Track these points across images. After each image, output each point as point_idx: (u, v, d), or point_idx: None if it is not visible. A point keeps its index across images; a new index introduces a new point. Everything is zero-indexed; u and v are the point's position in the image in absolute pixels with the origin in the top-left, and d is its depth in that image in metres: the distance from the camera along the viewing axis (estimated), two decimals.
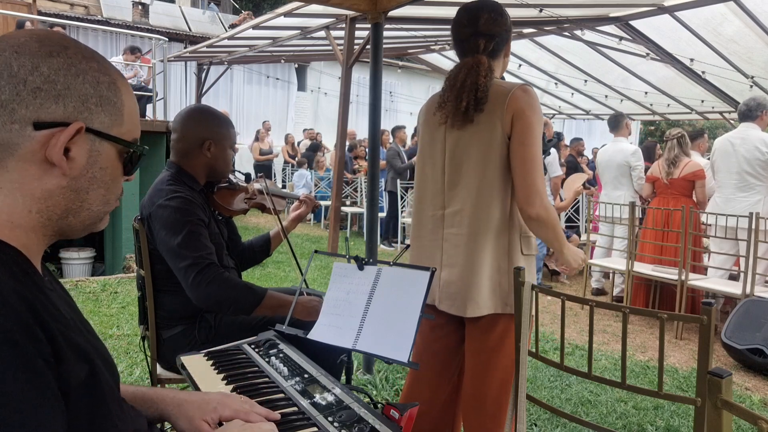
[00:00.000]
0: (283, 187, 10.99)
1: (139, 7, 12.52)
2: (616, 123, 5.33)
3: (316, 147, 10.73)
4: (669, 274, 4.35)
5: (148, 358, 1.99)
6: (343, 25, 5.56)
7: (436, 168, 1.73)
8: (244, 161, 11.65)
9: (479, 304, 1.63)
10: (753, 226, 3.81)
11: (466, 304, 1.65)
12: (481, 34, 1.67)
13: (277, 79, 14.13)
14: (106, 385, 0.75)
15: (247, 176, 2.29)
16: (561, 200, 5.93)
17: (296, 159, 11.33)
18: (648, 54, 6.28)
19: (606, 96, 8.98)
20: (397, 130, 8.10)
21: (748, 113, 4.31)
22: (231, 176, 2.15)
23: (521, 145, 1.59)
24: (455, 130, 1.68)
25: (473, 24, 1.68)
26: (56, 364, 0.66)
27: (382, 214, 7.78)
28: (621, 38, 6.00)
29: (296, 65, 14.27)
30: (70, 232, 0.79)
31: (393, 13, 3.34)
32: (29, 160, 0.71)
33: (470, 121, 1.64)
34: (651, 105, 9.10)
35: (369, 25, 3.25)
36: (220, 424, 1.04)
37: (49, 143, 0.71)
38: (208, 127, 1.93)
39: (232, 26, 11.07)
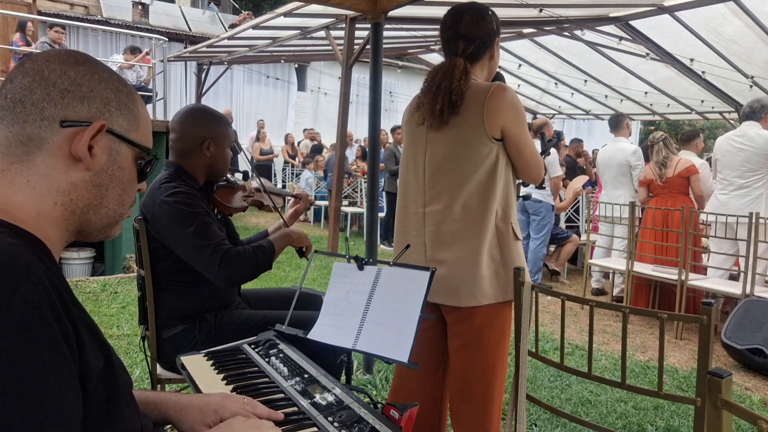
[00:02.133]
0: (284, 187, 10.99)
1: (139, 7, 12.51)
2: (617, 123, 5.33)
3: (318, 149, 10.72)
4: (669, 274, 4.35)
5: (148, 358, 1.99)
6: (343, 25, 5.55)
7: (418, 167, 1.76)
8: (244, 161, 11.64)
9: (476, 295, 1.65)
10: (753, 226, 3.81)
11: (462, 295, 1.66)
12: (460, 36, 1.70)
13: (277, 79, 14.13)
14: (121, 378, 0.79)
15: (245, 174, 2.31)
16: (561, 200, 5.94)
17: (297, 159, 11.32)
18: (648, 54, 6.27)
19: (606, 96, 8.98)
20: (394, 129, 8.10)
21: (752, 115, 4.31)
22: (228, 175, 2.15)
23: (512, 140, 1.65)
24: (433, 132, 1.71)
25: (454, 26, 1.71)
26: (78, 351, 0.68)
27: (382, 214, 7.78)
28: (621, 38, 6.00)
29: (296, 65, 14.27)
30: (89, 230, 0.84)
31: (393, 13, 3.34)
32: (56, 155, 0.77)
33: (445, 123, 1.66)
34: (651, 105, 9.09)
35: (369, 25, 3.25)
36: None
37: (75, 139, 0.78)
38: (207, 127, 1.93)
39: (232, 26, 11.07)
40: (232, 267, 1.77)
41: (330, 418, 1.09)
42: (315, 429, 1.07)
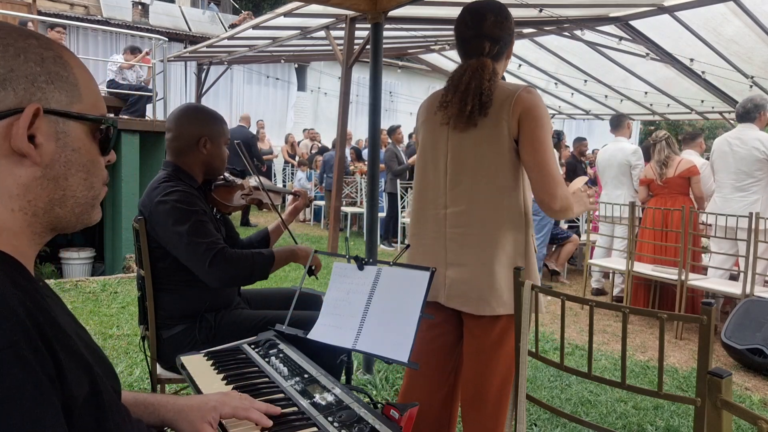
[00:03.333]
0: (284, 187, 10.98)
1: (139, 7, 12.52)
2: (618, 123, 5.34)
3: (323, 151, 10.74)
4: (669, 274, 4.35)
5: (148, 358, 1.99)
6: (343, 25, 5.56)
7: (438, 168, 1.73)
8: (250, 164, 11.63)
9: (492, 304, 1.63)
10: (753, 226, 3.81)
11: (479, 303, 1.64)
12: (485, 36, 1.66)
13: (277, 79, 14.14)
14: (108, 396, 0.73)
15: (242, 172, 2.32)
16: None
17: (297, 159, 11.33)
18: (648, 54, 6.28)
19: (606, 96, 8.98)
20: (393, 130, 8.09)
21: (746, 115, 4.30)
22: (226, 174, 2.16)
23: (531, 141, 1.58)
24: (458, 132, 1.67)
25: (477, 25, 1.67)
26: (59, 382, 0.64)
27: (382, 214, 7.78)
28: (621, 38, 6.00)
29: (296, 65, 14.28)
30: (63, 226, 0.75)
31: (393, 13, 3.34)
32: None
33: (474, 124, 1.63)
34: (651, 105, 9.10)
35: (369, 25, 3.26)
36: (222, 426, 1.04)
37: (11, 134, 0.66)
38: (202, 125, 1.94)
39: (232, 26, 11.07)
40: (223, 267, 1.76)
41: (330, 418, 1.09)
42: (315, 429, 1.07)
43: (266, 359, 1.42)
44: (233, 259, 1.79)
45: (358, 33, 5.53)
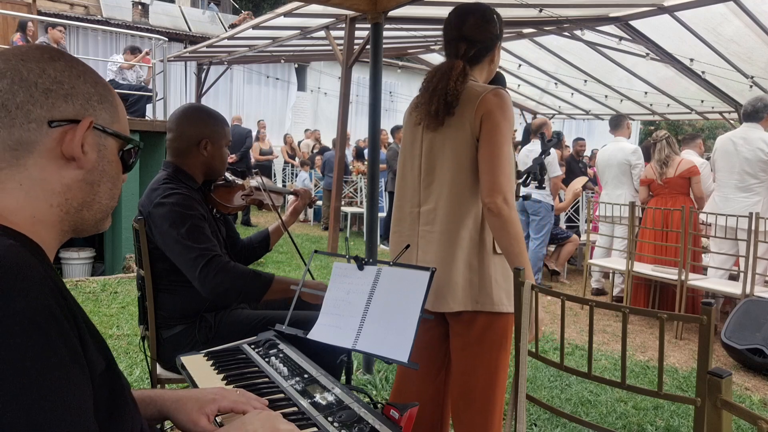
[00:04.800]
0: (284, 187, 10.98)
1: (139, 7, 12.52)
2: (618, 123, 5.34)
3: (324, 151, 10.73)
4: (669, 274, 4.35)
5: (148, 358, 1.99)
6: (343, 25, 5.56)
7: (414, 167, 1.77)
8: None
9: (448, 301, 1.66)
10: (753, 227, 3.81)
11: (437, 300, 1.67)
12: (463, 38, 1.70)
13: (277, 79, 14.13)
14: (122, 379, 0.79)
15: (242, 172, 2.31)
16: (560, 201, 5.94)
17: (297, 159, 11.33)
18: (648, 54, 6.28)
19: (606, 96, 8.98)
20: (396, 129, 8.09)
21: (754, 114, 4.28)
22: (227, 174, 2.16)
23: (487, 143, 1.60)
24: (430, 132, 1.71)
25: (458, 27, 1.71)
26: (83, 351, 0.69)
27: (382, 214, 7.78)
28: (621, 38, 6.00)
29: (296, 65, 14.28)
30: (83, 227, 0.84)
31: (393, 13, 3.34)
32: (47, 157, 0.77)
33: (441, 123, 1.67)
34: (651, 105, 9.10)
35: (369, 25, 3.26)
36: (219, 423, 1.05)
37: (65, 139, 0.77)
38: (203, 126, 1.93)
39: (232, 26, 11.07)
40: (213, 276, 1.73)
41: (330, 418, 1.09)
42: (315, 429, 1.07)
43: (266, 359, 1.42)
44: (226, 270, 1.75)
45: (358, 33, 5.54)
